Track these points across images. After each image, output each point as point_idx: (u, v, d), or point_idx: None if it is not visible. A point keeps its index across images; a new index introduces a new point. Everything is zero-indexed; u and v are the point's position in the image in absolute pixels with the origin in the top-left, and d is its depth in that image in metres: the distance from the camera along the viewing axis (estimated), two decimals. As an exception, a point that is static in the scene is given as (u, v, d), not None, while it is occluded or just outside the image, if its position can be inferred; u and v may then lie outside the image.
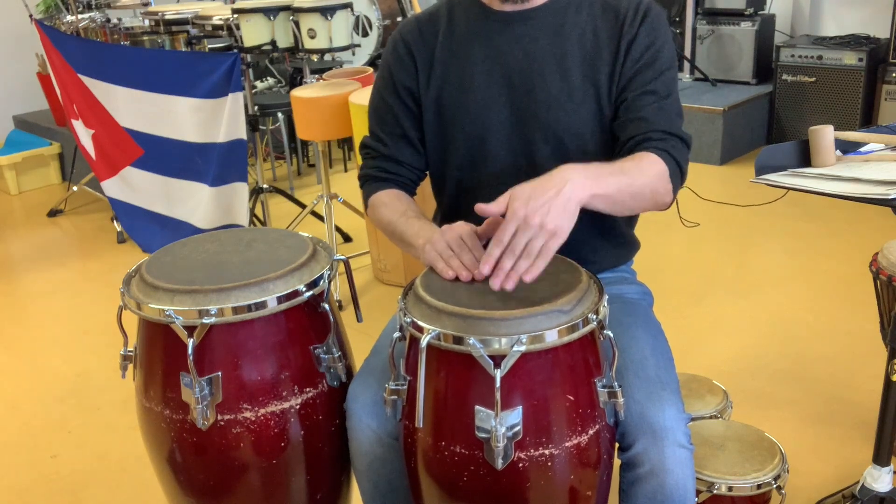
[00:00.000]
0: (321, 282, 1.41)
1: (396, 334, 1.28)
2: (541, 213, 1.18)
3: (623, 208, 1.32)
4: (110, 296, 3.38)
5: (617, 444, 1.33)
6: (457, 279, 1.31)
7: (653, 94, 1.42)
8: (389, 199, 1.54)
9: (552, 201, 1.19)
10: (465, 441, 1.22)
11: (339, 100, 3.06)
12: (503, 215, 1.22)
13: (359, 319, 1.58)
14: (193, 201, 3.47)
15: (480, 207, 1.25)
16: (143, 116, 3.47)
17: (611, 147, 1.48)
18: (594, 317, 1.22)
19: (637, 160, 1.35)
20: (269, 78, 4.86)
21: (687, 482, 1.29)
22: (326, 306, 1.42)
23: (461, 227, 1.36)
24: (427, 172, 1.62)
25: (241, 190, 3.29)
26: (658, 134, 1.39)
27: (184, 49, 4.07)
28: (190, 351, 1.30)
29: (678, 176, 1.39)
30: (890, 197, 1.37)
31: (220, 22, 3.63)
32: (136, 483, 2.21)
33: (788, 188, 1.53)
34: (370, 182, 1.59)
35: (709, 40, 4.79)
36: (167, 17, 3.97)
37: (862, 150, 1.62)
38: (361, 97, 2.96)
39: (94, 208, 4.46)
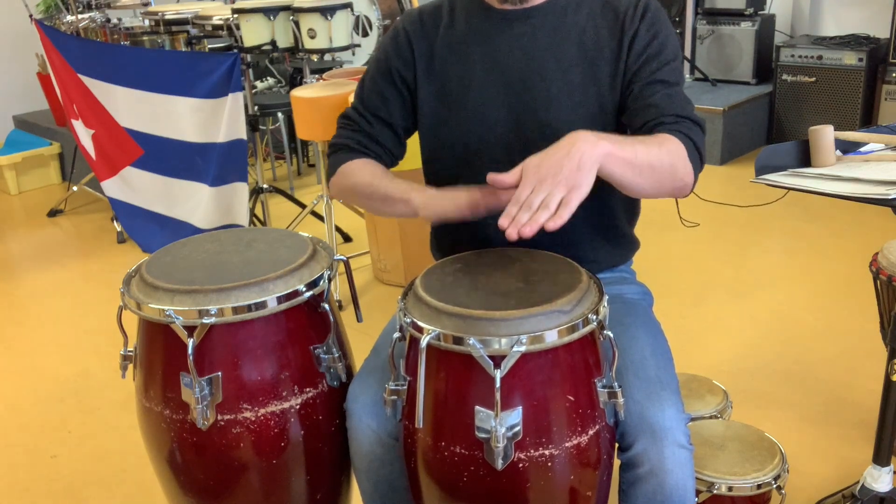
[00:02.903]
0: (321, 282, 1.41)
1: (396, 334, 1.28)
2: (553, 173, 1.17)
3: (643, 179, 1.26)
4: (110, 296, 3.38)
5: (617, 445, 1.33)
6: (457, 278, 1.31)
7: (661, 83, 1.40)
8: (366, 165, 1.50)
9: (563, 161, 1.18)
10: (465, 441, 1.22)
11: (339, 100, 3.06)
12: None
13: (359, 319, 1.58)
14: (193, 201, 3.47)
15: (492, 177, 1.24)
16: (143, 116, 3.47)
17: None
18: (594, 317, 1.22)
19: (654, 137, 1.31)
20: (269, 78, 4.86)
21: (687, 482, 1.29)
22: (326, 306, 1.42)
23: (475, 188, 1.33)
24: (399, 161, 1.60)
25: (241, 190, 3.29)
26: (671, 118, 1.35)
27: (184, 49, 4.07)
28: (190, 351, 1.30)
29: (697, 157, 1.35)
30: (890, 197, 1.37)
31: (220, 22, 3.63)
32: (136, 483, 2.21)
33: (788, 188, 1.53)
34: (343, 151, 1.55)
35: (709, 40, 4.79)
36: (167, 17, 3.97)
37: (862, 150, 1.62)
38: (361, 97, 2.95)
39: (94, 208, 4.46)
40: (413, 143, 1.60)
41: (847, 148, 1.62)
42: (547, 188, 1.17)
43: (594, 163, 1.18)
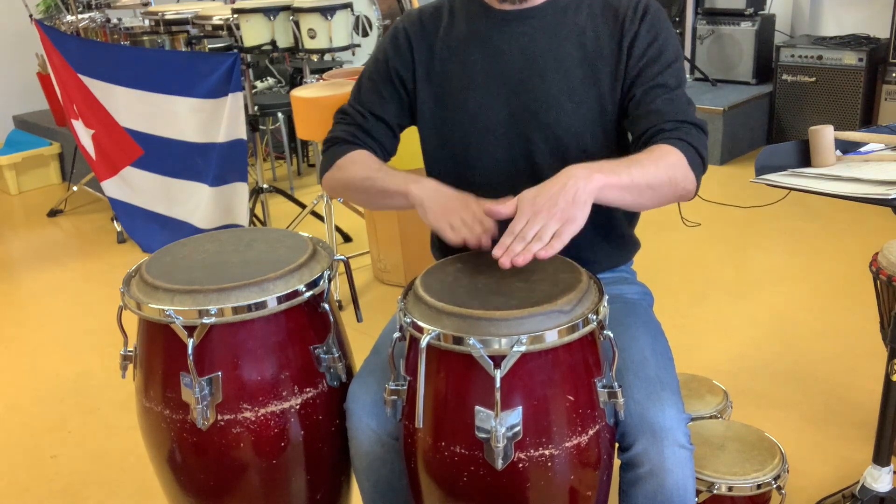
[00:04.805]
0: (321, 282, 1.41)
1: (396, 334, 1.28)
2: (548, 206, 1.20)
3: (644, 199, 1.30)
4: (110, 296, 3.38)
5: (617, 445, 1.33)
6: (457, 278, 1.31)
7: (662, 87, 1.40)
8: (363, 158, 1.50)
9: (558, 194, 1.21)
10: (465, 441, 1.22)
11: (339, 100, 3.03)
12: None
13: (359, 319, 1.58)
14: (193, 201, 3.47)
15: (489, 209, 1.27)
16: (143, 116, 3.47)
17: (611, 147, 1.48)
18: (594, 317, 1.22)
19: (650, 152, 1.33)
20: (269, 78, 4.86)
21: (687, 482, 1.29)
22: (326, 306, 1.42)
23: (475, 205, 1.35)
24: (391, 156, 1.60)
25: (241, 190, 3.29)
26: (671, 124, 1.36)
27: (184, 49, 4.07)
28: (190, 351, 1.30)
29: (698, 162, 1.36)
30: (890, 197, 1.37)
31: (220, 22, 3.63)
32: (136, 483, 2.21)
33: (788, 188, 1.53)
34: (340, 144, 1.54)
35: (709, 40, 4.79)
36: (167, 17, 3.97)
37: (862, 150, 1.62)
38: (361, 97, 2.95)
39: (94, 208, 4.46)
40: (414, 142, 1.60)
41: (847, 148, 1.62)
42: (541, 220, 1.20)
43: (589, 196, 1.22)
